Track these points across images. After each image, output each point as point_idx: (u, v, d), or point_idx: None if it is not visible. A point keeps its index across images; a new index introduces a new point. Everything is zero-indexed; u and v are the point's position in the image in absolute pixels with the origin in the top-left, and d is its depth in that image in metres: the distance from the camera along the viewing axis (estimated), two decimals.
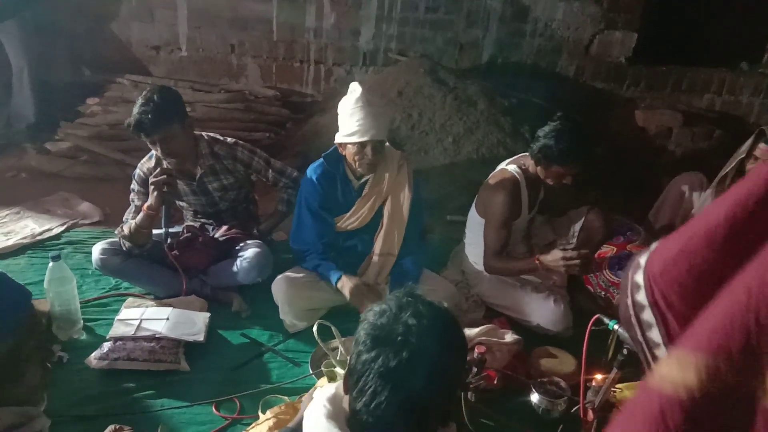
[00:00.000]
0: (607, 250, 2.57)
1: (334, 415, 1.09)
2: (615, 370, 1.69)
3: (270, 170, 2.64)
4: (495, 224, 2.44)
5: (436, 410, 1.11)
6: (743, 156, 2.58)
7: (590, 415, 1.75)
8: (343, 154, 2.36)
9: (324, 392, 1.17)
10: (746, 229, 0.69)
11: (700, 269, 0.72)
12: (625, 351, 1.65)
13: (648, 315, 0.77)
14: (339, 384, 1.17)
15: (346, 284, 2.34)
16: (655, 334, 0.77)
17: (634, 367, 1.63)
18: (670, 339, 0.75)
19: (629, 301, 0.79)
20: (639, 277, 0.79)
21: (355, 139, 2.24)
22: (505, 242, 2.46)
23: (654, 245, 0.82)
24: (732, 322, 0.63)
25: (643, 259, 0.81)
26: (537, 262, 2.30)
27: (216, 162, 2.54)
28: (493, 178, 2.53)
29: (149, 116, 2.23)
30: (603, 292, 2.58)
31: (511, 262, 2.48)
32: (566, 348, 2.25)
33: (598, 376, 1.80)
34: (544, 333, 2.38)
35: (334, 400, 1.13)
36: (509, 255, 2.53)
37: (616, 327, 1.68)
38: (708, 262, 0.72)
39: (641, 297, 0.78)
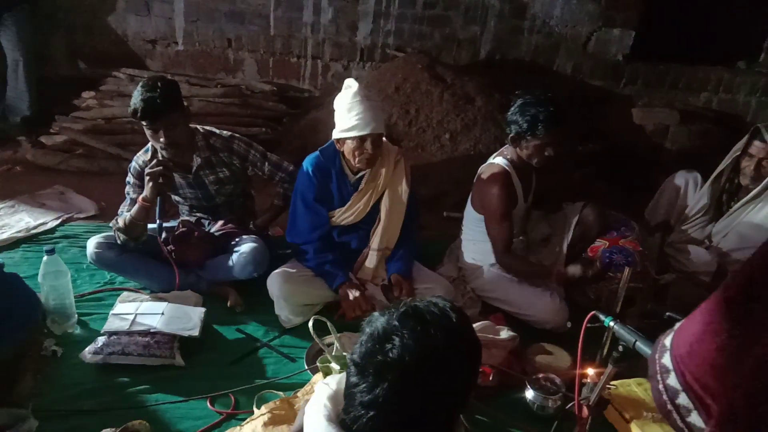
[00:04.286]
0: (600, 245, 2.57)
1: (334, 417, 1.08)
2: (610, 367, 1.69)
3: (266, 164, 2.63)
4: (496, 218, 2.46)
5: (431, 427, 1.07)
6: (738, 153, 2.59)
7: (585, 411, 1.75)
8: (341, 150, 2.35)
9: (325, 389, 1.15)
10: (764, 298, 0.67)
11: (730, 347, 0.68)
12: (620, 348, 1.65)
13: (684, 399, 0.73)
14: (340, 379, 1.15)
15: (345, 294, 2.37)
16: (695, 419, 0.73)
17: (629, 363, 1.64)
18: (713, 422, 0.71)
19: (661, 387, 0.76)
20: (666, 360, 0.76)
21: (355, 133, 2.23)
22: (510, 234, 2.48)
23: (677, 325, 0.78)
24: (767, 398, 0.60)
25: (668, 340, 0.77)
26: (554, 272, 2.42)
27: (212, 154, 2.53)
28: (483, 173, 2.54)
29: (157, 100, 2.24)
30: (593, 286, 2.58)
31: (525, 264, 2.54)
32: (562, 344, 2.25)
33: (593, 372, 1.80)
34: (541, 328, 2.39)
35: (335, 399, 1.12)
36: (525, 258, 2.57)
37: (611, 324, 1.68)
38: (736, 338, 0.68)
39: (673, 381, 0.74)
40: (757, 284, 0.67)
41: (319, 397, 1.14)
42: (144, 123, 2.30)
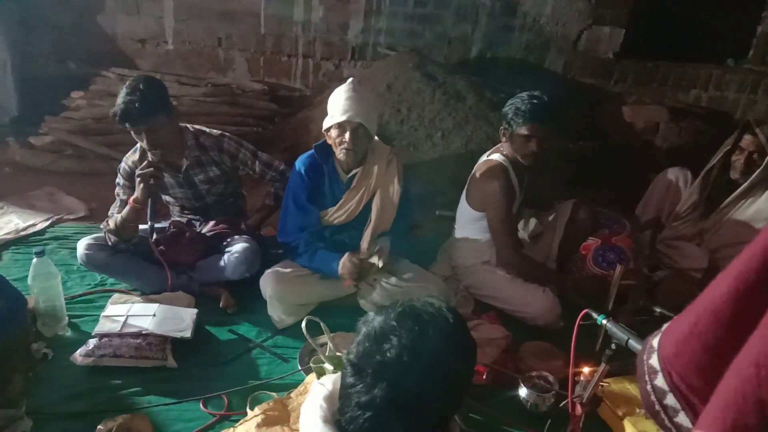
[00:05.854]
0: (592, 242, 2.59)
1: (330, 418, 1.08)
2: (603, 365, 1.70)
3: (257, 162, 2.62)
4: (499, 213, 2.46)
5: (427, 427, 1.06)
6: (729, 148, 2.60)
7: (578, 409, 1.75)
8: (330, 143, 2.36)
9: (321, 390, 1.15)
10: (750, 302, 0.67)
11: (715, 347, 0.69)
12: (613, 345, 1.66)
13: (671, 400, 0.74)
14: (336, 379, 1.15)
15: (343, 264, 2.35)
16: (683, 419, 0.74)
17: (622, 361, 1.64)
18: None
19: (649, 387, 0.76)
20: (654, 361, 0.76)
21: (333, 120, 2.25)
22: (515, 229, 2.48)
23: (665, 326, 0.79)
24: (744, 397, 0.60)
25: (655, 341, 0.78)
26: (568, 286, 2.43)
27: (202, 153, 2.51)
28: (480, 170, 2.54)
29: (136, 105, 2.21)
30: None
31: (535, 268, 2.51)
32: (555, 342, 2.26)
33: (586, 370, 1.80)
34: (534, 324, 2.39)
35: (331, 400, 1.11)
36: (535, 261, 2.56)
37: (604, 322, 1.68)
38: (721, 339, 0.69)
39: (660, 382, 0.75)
40: (744, 290, 0.68)
41: (315, 397, 1.13)
42: (126, 126, 2.28)
